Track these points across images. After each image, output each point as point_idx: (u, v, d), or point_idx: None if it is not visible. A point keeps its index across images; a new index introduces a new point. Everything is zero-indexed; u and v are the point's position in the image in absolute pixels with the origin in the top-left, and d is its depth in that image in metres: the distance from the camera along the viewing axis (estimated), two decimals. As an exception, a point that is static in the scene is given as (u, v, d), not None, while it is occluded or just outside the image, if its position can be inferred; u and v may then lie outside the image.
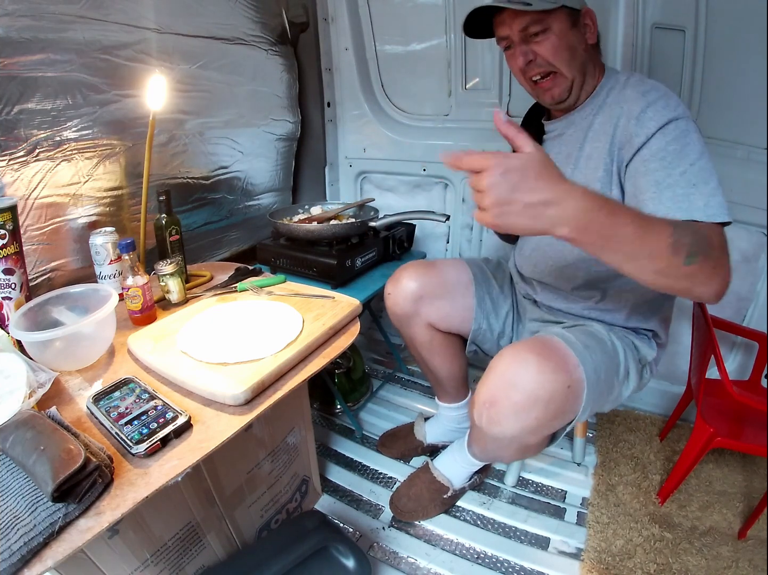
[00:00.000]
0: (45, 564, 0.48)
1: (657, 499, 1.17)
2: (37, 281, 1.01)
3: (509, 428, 0.80)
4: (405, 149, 1.73)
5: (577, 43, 0.90)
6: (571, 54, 0.90)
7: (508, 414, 0.79)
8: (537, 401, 0.77)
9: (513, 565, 1.04)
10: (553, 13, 0.87)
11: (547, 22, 0.88)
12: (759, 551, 1.04)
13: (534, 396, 0.77)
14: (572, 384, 0.79)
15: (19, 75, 0.90)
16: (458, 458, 1.15)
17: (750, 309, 1.34)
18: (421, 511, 1.14)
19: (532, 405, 0.77)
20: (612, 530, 1.09)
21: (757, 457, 1.27)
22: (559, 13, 0.88)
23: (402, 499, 1.16)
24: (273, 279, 1.11)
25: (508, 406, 0.79)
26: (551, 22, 0.88)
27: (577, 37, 0.90)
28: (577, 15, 0.89)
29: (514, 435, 0.82)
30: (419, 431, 1.35)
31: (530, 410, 0.78)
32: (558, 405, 0.79)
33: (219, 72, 1.36)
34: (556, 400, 0.79)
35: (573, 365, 0.81)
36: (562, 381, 0.78)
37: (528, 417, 0.78)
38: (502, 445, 0.96)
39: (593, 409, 0.88)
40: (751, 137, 1.19)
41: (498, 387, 0.80)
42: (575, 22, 0.89)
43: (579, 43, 0.90)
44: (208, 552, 0.88)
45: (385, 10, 1.61)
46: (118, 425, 0.63)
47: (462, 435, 1.34)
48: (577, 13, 0.89)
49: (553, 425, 0.84)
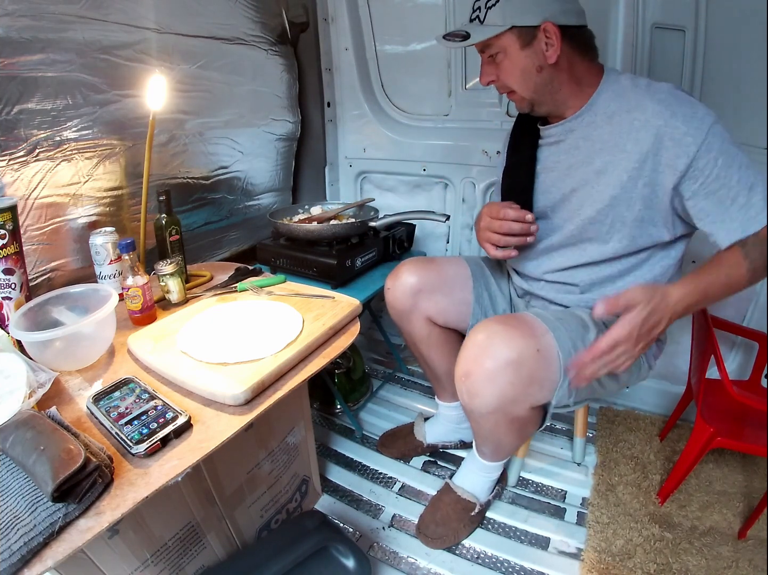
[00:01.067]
0: (45, 564, 0.48)
1: (657, 499, 1.17)
2: (37, 281, 1.01)
3: (488, 397, 0.84)
4: (405, 149, 1.73)
5: (531, 64, 0.87)
6: (523, 77, 0.89)
7: (483, 382, 0.84)
8: (508, 365, 0.81)
9: (513, 565, 1.04)
10: (502, 35, 0.86)
11: (498, 46, 0.88)
12: (759, 551, 1.04)
13: (504, 361, 0.81)
14: (541, 348, 0.83)
15: (19, 75, 0.90)
16: (475, 468, 1.12)
17: (750, 309, 1.34)
18: (452, 535, 1.09)
19: (503, 370, 0.82)
20: (612, 530, 1.09)
21: (757, 457, 1.27)
22: (508, 34, 0.86)
23: (429, 527, 1.10)
24: (273, 279, 1.11)
25: (481, 373, 0.83)
26: (502, 45, 0.87)
27: (531, 58, 0.86)
28: (533, 33, 0.85)
29: (496, 405, 0.85)
30: (419, 431, 1.35)
31: (502, 374, 0.82)
32: (530, 369, 0.83)
33: (219, 72, 1.36)
34: (527, 364, 0.82)
35: (541, 331, 0.85)
36: (531, 345, 0.82)
37: (502, 381, 0.82)
38: (492, 423, 0.93)
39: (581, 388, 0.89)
40: (751, 137, 1.19)
41: (471, 359, 0.85)
42: (529, 41, 0.85)
43: (534, 63, 0.87)
44: (208, 552, 0.88)
45: (385, 10, 1.61)
46: (118, 425, 0.63)
47: (461, 434, 1.34)
48: (534, 31, 0.84)
49: (531, 392, 0.86)
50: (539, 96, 0.91)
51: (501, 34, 0.86)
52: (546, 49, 0.85)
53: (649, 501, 1.17)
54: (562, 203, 0.98)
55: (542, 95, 0.91)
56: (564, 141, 0.96)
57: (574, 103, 0.92)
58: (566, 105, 0.92)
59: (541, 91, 0.90)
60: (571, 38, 0.86)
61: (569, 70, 0.89)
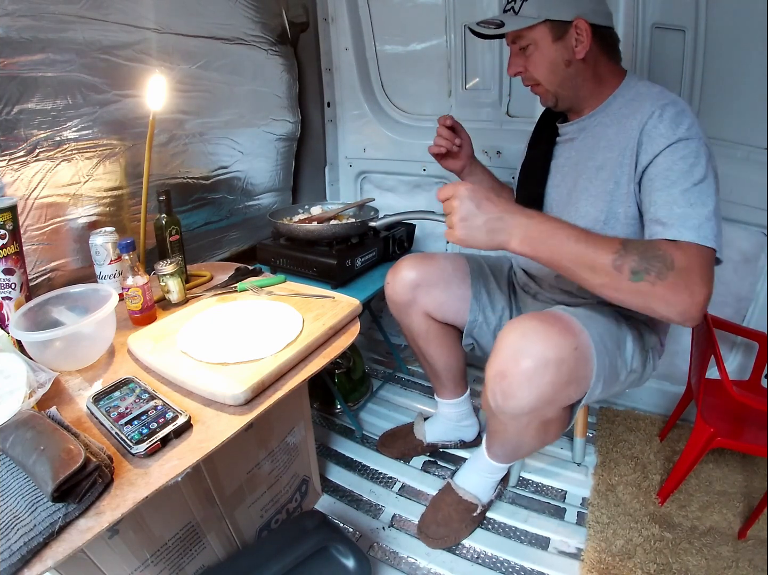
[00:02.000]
0: (45, 564, 0.48)
1: (657, 499, 1.17)
2: (37, 281, 1.01)
3: (525, 398, 0.79)
4: (405, 149, 1.73)
5: (561, 58, 0.89)
6: (551, 70, 0.90)
7: (522, 383, 0.78)
8: (548, 364, 0.77)
9: (513, 565, 1.04)
10: (535, 27, 0.88)
11: (530, 38, 0.89)
12: (759, 551, 1.04)
13: (544, 360, 0.77)
14: (579, 346, 0.80)
15: (19, 75, 0.90)
16: (479, 469, 1.11)
17: (750, 309, 1.33)
18: (452, 535, 1.09)
19: (543, 369, 0.77)
20: (612, 530, 1.09)
21: (757, 457, 1.27)
22: (541, 27, 0.87)
23: (431, 527, 1.10)
24: (273, 279, 1.11)
25: (519, 374, 0.78)
26: (534, 37, 0.89)
27: (561, 51, 0.88)
28: (565, 28, 0.87)
29: (532, 407, 0.80)
30: (419, 430, 1.35)
31: (543, 374, 0.77)
32: (569, 367, 0.79)
33: (219, 72, 1.36)
34: (567, 362, 0.78)
35: (577, 329, 0.82)
36: (569, 343, 0.79)
37: (542, 382, 0.77)
38: (522, 426, 0.90)
39: (605, 384, 0.87)
40: (751, 137, 1.19)
41: (507, 359, 0.80)
42: (561, 35, 0.87)
43: (563, 57, 0.89)
44: (208, 552, 0.88)
45: (385, 10, 1.61)
46: (118, 425, 0.63)
47: (461, 433, 1.34)
48: (566, 26, 0.87)
49: (568, 393, 0.82)
50: (564, 90, 0.93)
51: (534, 26, 0.87)
52: (575, 44, 0.87)
53: (649, 501, 1.17)
54: (567, 199, 0.99)
55: (567, 89, 0.93)
56: (577, 139, 0.99)
57: (592, 102, 0.94)
58: (586, 103, 0.95)
59: (566, 85, 0.92)
60: (600, 38, 0.88)
61: (594, 68, 0.91)
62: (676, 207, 0.76)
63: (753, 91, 1.16)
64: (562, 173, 1.02)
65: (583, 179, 0.95)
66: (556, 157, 1.05)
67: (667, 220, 0.77)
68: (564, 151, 1.03)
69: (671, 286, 0.71)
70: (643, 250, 0.73)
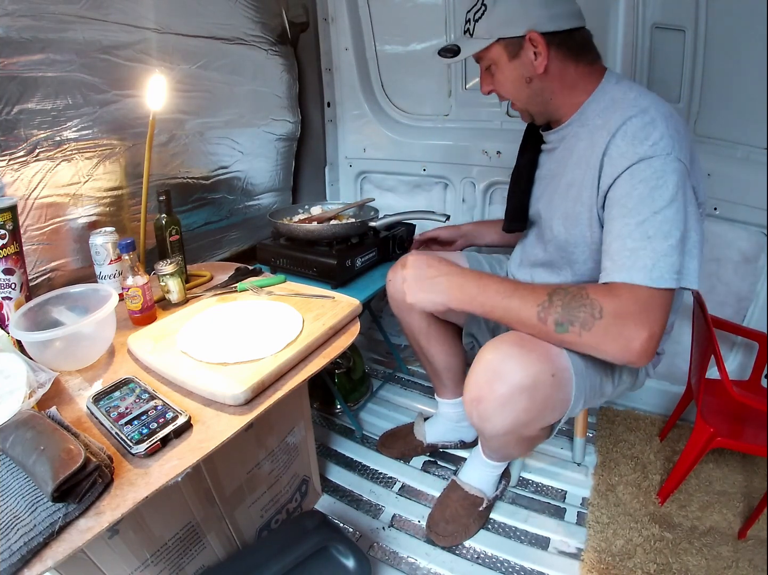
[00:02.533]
0: (45, 564, 0.48)
1: (657, 499, 1.17)
2: (37, 281, 1.01)
3: (500, 422, 0.81)
4: (405, 149, 1.73)
5: (520, 75, 0.86)
6: (514, 87, 0.88)
7: (496, 408, 0.79)
8: (522, 391, 0.77)
9: (513, 565, 1.04)
10: (490, 48, 0.85)
11: (488, 58, 0.87)
12: (759, 551, 1.04)
13: (519, 387, 0.77)
14: (556, 372, 0.79)
15: (19, 75, 0.90)
16: (480, 464, 1.12)
17: (750, 309, 1.34)
18: (462, 531, 1.09)
19: (518, 396, 0.77)
20: (612, 530, 1.09)
21: (757, 457, 1.27)
22: (495, 47, 0.85)
23: (439, 524, 1.09)
24: (273, 279, 1.11)
25: (493, 400, 0.79)
26: (491, 57, 0.87)
27: (520, 69, 0.85)
28: (519, 44, 0.83)
29: (507, 430, 0.82)
30: (419, 431, 1.35)
31: (517, 401, 0.78)
32: (545, 394, 0.79)
33: (219, 72, 1.36)
34: (542, 389, 0.78)
35: (555, 353, 0.80)
36: (546, 369, 0.78)
37: (515, 408, 0.78)
38: (503, 441, 0.93)
39: (587, 401, 0.88)
40: (751, 137, 1.19)
41: (482, 383, 0.80)
42: (516, 53, 0.84)
43: (522, 75, 0.85)
44: (208, 552, 0.88)
45: (385, 10, 1.61)
46: (118, 425, 0.63)
47: (461, 433, 1.34)
48: (520, 41, 0.82)
49: (544, 416, 0.83)
50: (533, 106, 0.91)
51: (489, 47, 0.85)
52: (534, 58, 0.83)
53: (649, 501, 1.17)
54: (546, 214, 0.96)
55: (536, 105, 0.90)
56: (557, 149, 0.95)
57: (567, 111, 0.89)
58: (561, 112, 0.90)
59: (533, 101, 0.89)
60: (560, 44, 0.83)
61: (561, 78, 0.86)
62: (629, 241, 0.71)
63: (753, 90, 1.15)
64: (543, 185, 0.99)
65: (557, 195, 0.91)
66: (540, 166, 1.02)
67: (617, 257, 0.72)
68: (546, 161, 1.00)
69: (600, 335, 0.71)
70: (568, 301, 0.73)
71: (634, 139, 0.73)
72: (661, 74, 1.28)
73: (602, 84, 0.85)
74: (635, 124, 0.73)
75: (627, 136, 0.74)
